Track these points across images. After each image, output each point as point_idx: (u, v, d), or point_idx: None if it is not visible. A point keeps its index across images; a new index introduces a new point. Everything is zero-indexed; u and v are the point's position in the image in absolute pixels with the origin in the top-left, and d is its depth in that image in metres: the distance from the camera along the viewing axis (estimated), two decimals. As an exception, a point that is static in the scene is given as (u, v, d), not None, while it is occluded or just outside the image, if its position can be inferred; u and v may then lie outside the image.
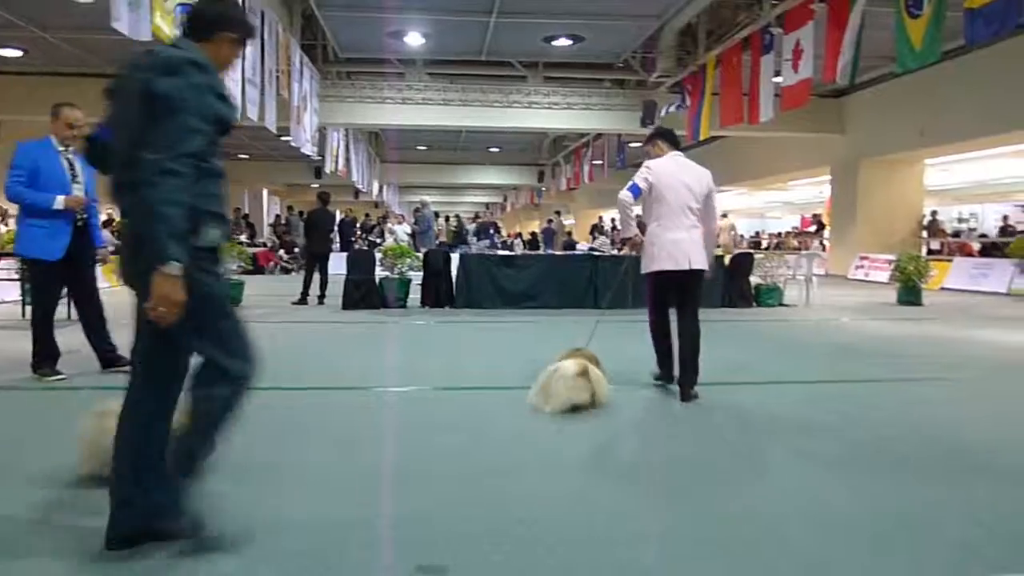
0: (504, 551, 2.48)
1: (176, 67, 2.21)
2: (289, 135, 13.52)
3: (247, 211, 26.05)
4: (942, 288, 14.79)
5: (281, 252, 20.27)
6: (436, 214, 19.64)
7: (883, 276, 15.71)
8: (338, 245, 18.18)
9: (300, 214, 21.62)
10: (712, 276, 5.11)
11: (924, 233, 18.83)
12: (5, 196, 4.98)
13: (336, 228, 18.53)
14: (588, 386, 4.43)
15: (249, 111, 9.33)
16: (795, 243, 23.85)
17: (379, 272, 10.74)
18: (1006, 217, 19.38)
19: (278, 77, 11.23)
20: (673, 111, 15.94)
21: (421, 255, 11.03)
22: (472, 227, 22.15)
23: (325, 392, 5.04)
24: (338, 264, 11.49)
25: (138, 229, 2.23)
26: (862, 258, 17.97)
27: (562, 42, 14.51)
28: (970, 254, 17.53)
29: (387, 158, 28.67)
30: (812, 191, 25.34)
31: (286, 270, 19.43)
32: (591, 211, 34.29)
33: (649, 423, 4.42)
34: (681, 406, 4.66)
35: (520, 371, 5.70)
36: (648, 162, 4.94)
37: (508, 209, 42.61)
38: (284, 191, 34.33)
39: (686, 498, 3.01)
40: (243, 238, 20.22)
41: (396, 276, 10.62)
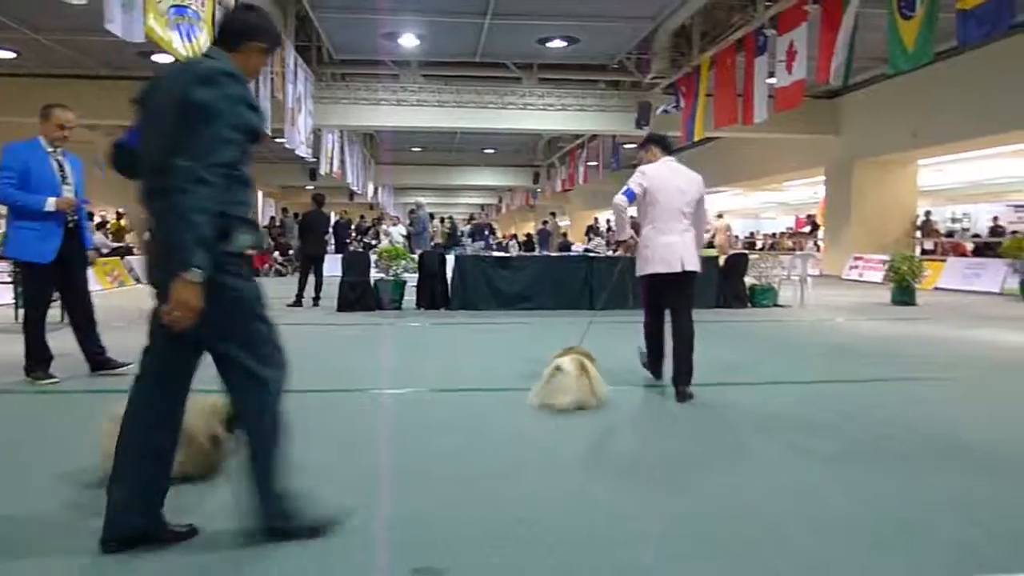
0: (503, 552, 2.47)
1: (212, 78, 2.27)
2: (284, 137, 13.50)
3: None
4: (936, 288, 14.85)
5: (276, 254, 20.22)
6: (431, 216, 19.63)
7: (877, 276, 15.74)
8: (333, 247, 18.15)
9: (295, 216, 21.57)
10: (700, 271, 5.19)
11: (918, 233, 18.90)
12: (-4, 199, 4.94)
13: (331, 230, 18.49)
14: (587, 384, 4.50)
15: (243, 113, 9.28)
16: (790, 243, 23.91)
17: (374, 274, 10.73)
18: (996, 218, 19.51)
19: (272, 79, 11.21)
20: (671, 111, 15.97)
21: (416, 257, 11.02)
22: (467, 228, 22.15)
23: (321, 394, 5.02)
24: (333, 266, 11.47)
25: (164, 235, 2.27)
26: (856, 258, 18.02)
27: (557, 43, 14.53)
28: (963, 254, 17.60)
29: (382, 160, 28.65)
30: (807, 192, 25.41)
31: (280, 272, 19.38)
32: (586, 212, 34.33)
33: (646, 422, 4.42)
34: (677, 406, 4.66)
35: (516, 372, 5.70)
36: (642, 167, 5.07)
37: (503, 210, 42.59)
38: (279, 193, 34.26)
39: (685, 498, 3.01)
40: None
41: (391, 278, 10.60)
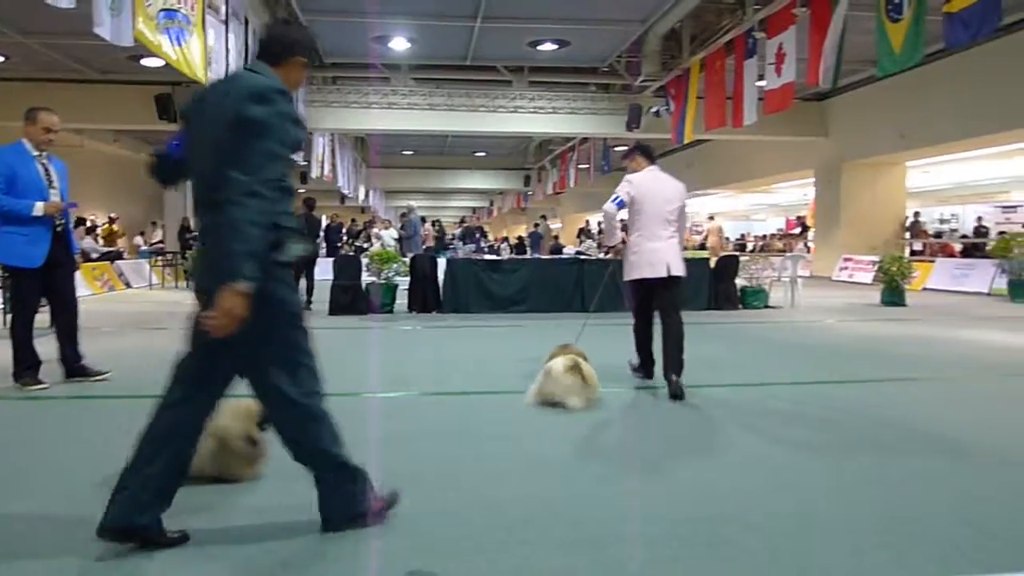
0: (493, 555, 2.48)
1: (266, 95, 2.34)
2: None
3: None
4: (924, 288, 14.94)
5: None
6: (423, 219, 19.60)
7: (867, 277, 15.84)
8: (324, 250, 18.11)
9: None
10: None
11: (907, 234, 19.02)
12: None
13: (322, 233, 18.46)
14: (580, 383, 4.60)
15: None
16: (780, 245, 24.02)
17: (366, 277, 10.71)
18: (980, 218, 19.70)
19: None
20: (662, 113, 16.03)
21: (408, 260, 11.01)
22: (457, 231, 22.12)
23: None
24: (325, 269, 11.43)
25: (217, 245, 2.31)
26: (846, 259, 18.11)
27: (547, 47, 14.56)
28: (952, 255, 17.73)
29: (373, 163, 28.61)
30: (797, 193, 25.54)
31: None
32: (578, 215, 34.42)
33: (637, 424, 4.42)
34: (668, 407, 4.68)
35: (508, 375, 5.71)
36: (629, 176, 5.29)
37: (495, 213, 42.60)
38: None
39: (675, 499, 3.01)
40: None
41: (383, 281, 10.59)
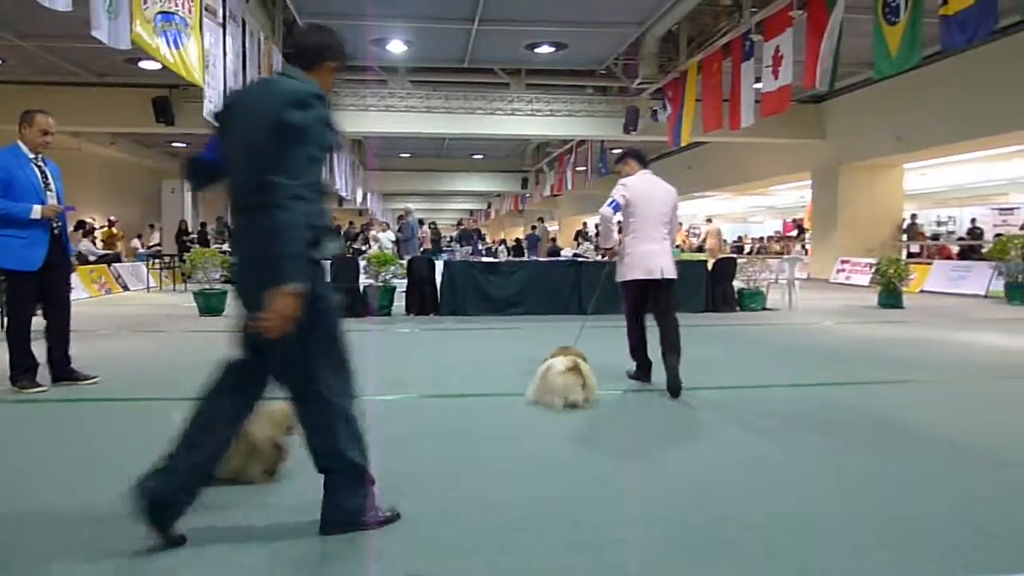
0: (493, 556, 2.48)
1: (306, 101, 2.40)
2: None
3: (229, 220, 25.84)
4: (922, 291, 14.96)
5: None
6: (420, 221, 19.60)
7: (864, 279, 15.85)
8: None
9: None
10: None
11: (904, 236, 19.05)
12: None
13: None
14: (580, 383, 4.66)
15: (231, 119, 9.26)
16: (777, 247, 24.05)
17: (363, 280, 10.70)
18: (974, 220, 19.80)
19: (260, 85, 11.17)
20: (660, 117, 16.05)
21: (405, 262, 11.01)
22: (454, 233, 22.13)
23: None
24: (322, 272, 11.38)
25: (261, 247, 2.35)
26: (843, 262, 18.14)
27: (544, 49, 14.57)
28: (949, 257, 17.76)
29: (370, 165, 28.59)
30: (794, 196, 25.58)
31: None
32: (575, 217, 34.43)
33: (634, 426, 4.42)
34: (666, 409, 4.68)
35: (506, 377, 5.71)
36: (623, 179, 5.36)
37: (492, 216, 42.62)
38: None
39: (673, 500, 3.01)
40: (225, 247, 20.03)
41: (380, 284, 10.58)
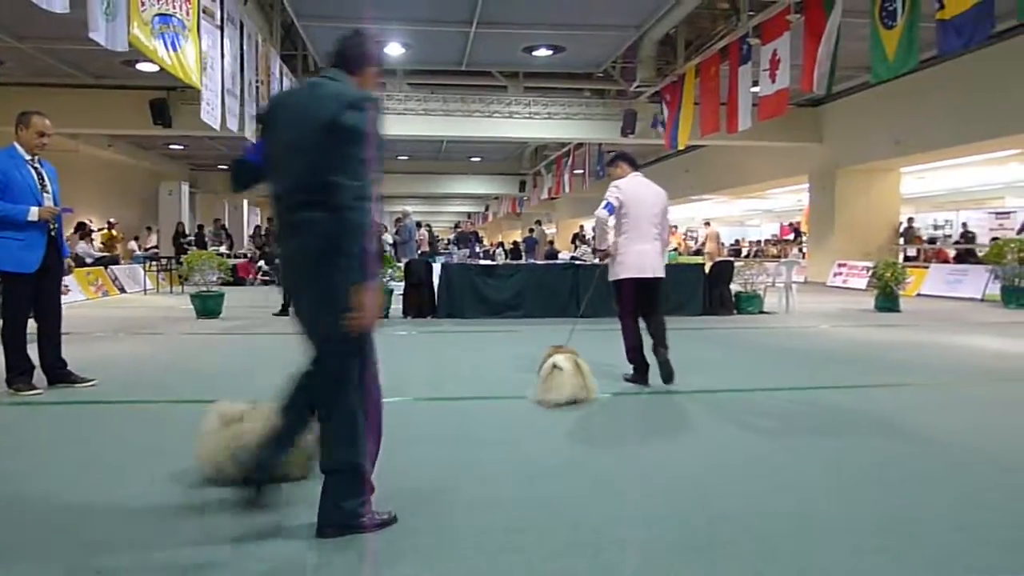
0: (492, 558, 2.48)
1: (360, 104, 2.52)
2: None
3: (226, 222, 25.84)
4: (918, 294, 14.99)
5: (261, 263, 20.10)
6: (418, 224, 19.61)
7: (861, 283, 15.88)
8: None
9: (281, 225, 21.42)
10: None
11: (900, 240, 19.10)
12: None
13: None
14: (582, 380, 4.78)
15: (229, 122, 9.25)
16: (775, 251, 24.08)
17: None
18: (965, 224, 19.89)
19: (258, 87, 11.18)
20: (659, 123, 16.07)
21: (403, 265, 11.00)
22: (451, 236, 22.14)
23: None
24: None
25: (315, 243, 2.48)
26: (840, 265, 18.16)
27: (542, 52, 14.58)
28: (946, 260, 17.79)
29: (368, 167, 28.54)
30: (791, 199, 25.61)
31: (267, 281, 19.27)
32: (572, 220, 34.44)
33: (635, 427, 4.42)
34: (662, 411, 4.68)
35: (503, 380, 5.71)
36: (616, 182, 5.52)
37: (490, 218, 42.63)
38: (264, 202, 34.13)
39: (675, 501, 3.01)
40: (222, 249, 20.03)
41: (378, 286, 10.56)
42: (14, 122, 5.00)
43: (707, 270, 11.33)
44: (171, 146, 23.33)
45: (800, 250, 22.58)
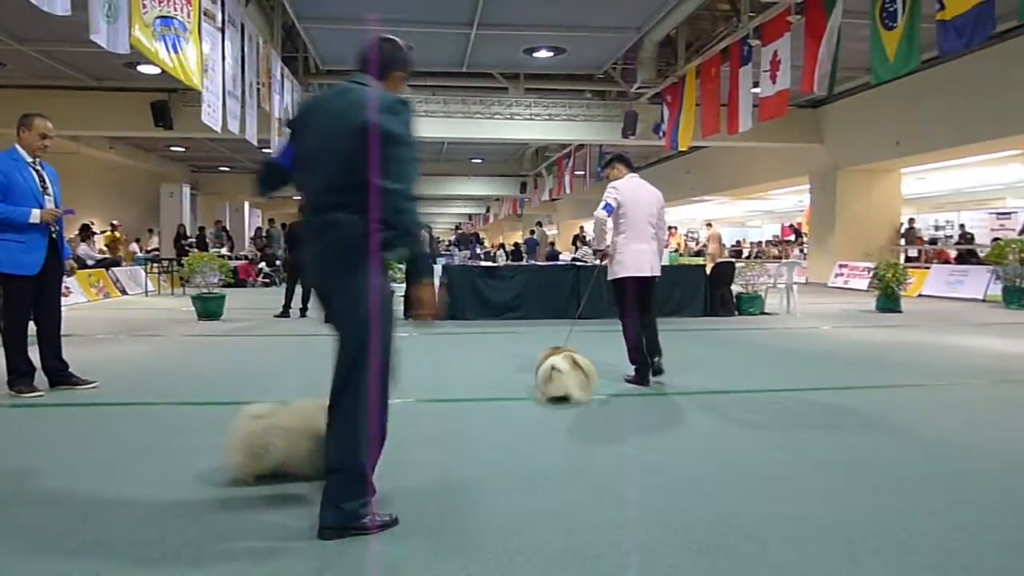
0: (486, 565, 2.47)
1: (396, 108, 2.58)
2: (270, 147, 13.46)
3: (227, 224, 25.87)
4: (920, 295, 14.98)
5: (262, 265, 20.11)
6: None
7: (862, 284, 15.88)
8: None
9: (282, 226, 21.48)
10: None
11: (901, 241, 19.09)
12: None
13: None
14: (583, 378, 4.86)
15: (230, 124, 9.26)
16: (776, 251, 24.07)
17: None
18: (962, 226, 19.87)
19: (259, 90, 11.19)
20: (661, 127, 16.08)
21: (403, 266, 11.00)
22: (452, 238, 22.15)
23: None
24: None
25: (347, 242, 2.54)
26: (841, 266, 18.16)
27: (543, 54, 14.59)
28: (947, 261, 17.79)
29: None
30: (792, 200, 25.61)
31: (267, 283, 19.28)
32: (573, 221, 34.42)
33: (633, 431, 4.42)
34: (665, 414, 4.69)
35: (504, 381, 5.71)
36: (614, 183, 5.64)
37: (491, 220, 42.64)
38: (265, 203, 34.13)
39: (673, 506, 3.01)
40: (224, 251, 20.05)
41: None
42: (16, 124, 5.01)
43: (708, 271, 11.33)
44: (172, 148, 23.36)
45: (801, 251, 22.57)
